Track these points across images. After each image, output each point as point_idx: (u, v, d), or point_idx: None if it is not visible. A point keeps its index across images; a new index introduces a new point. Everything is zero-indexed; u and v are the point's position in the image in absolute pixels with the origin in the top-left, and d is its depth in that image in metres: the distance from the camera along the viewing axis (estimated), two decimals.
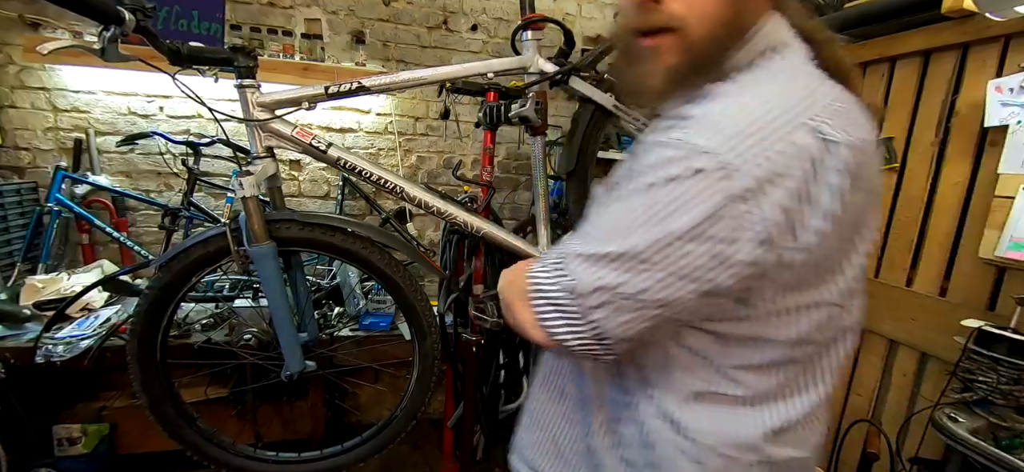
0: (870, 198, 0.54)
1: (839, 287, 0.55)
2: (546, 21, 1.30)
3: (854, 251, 0.54)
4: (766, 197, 0.47)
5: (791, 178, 0.47)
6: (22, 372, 1.65)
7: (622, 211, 0.53)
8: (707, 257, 0.49)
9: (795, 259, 0.50)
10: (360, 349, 1.94)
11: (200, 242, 1.17)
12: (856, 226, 0.53)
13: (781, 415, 0.59)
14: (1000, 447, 1.11)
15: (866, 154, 0.51)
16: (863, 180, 0.51)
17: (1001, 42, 1.43)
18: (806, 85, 0.53)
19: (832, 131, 0.48)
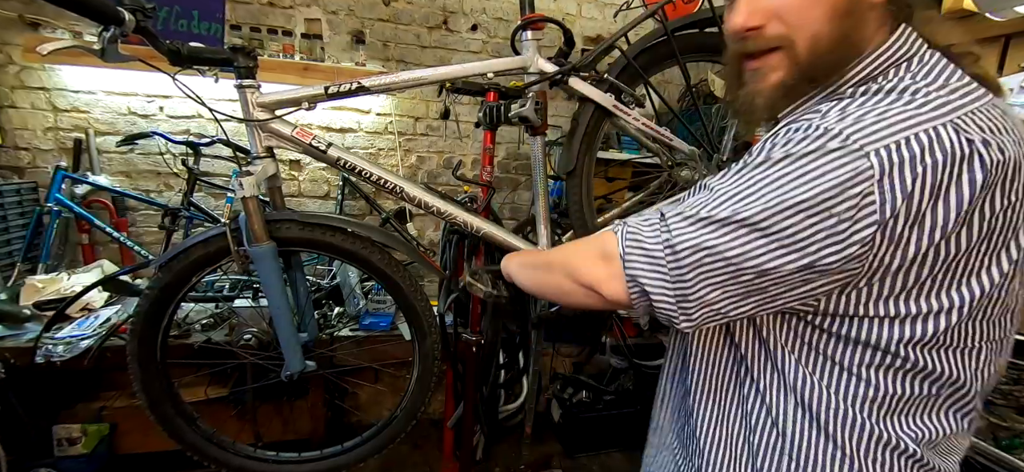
0: (1018, 209, 0.50)
1: (972, 298, 0.51)
2: (546, 21, 1.30)
3: (995, 265, 0.51)
4: (894, 182, 0.46)
5: (923, 168, 0.46)
6: (22, 372, 1.65)
7: (738, 182, 0.54)
8: (821, 231, 0.48)
9: (914, 254, 0.48)
10: (360, 349, 1.94)
11: (200, 242, 1.17)
12: (1001, 238, 0.50)
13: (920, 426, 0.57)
14: (1000, 447, 1.11)
15: (1019, 166, 0.48)
16: (1013, 191, 0.48)
17: (1001, 42, 1.43)
18: (951, 88, 0.51)
19: (977, 132, 0.47)
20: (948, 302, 0.51)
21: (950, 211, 0.47)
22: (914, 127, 0.47)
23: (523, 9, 1.34)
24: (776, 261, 0.50)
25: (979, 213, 0.48)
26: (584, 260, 0.66)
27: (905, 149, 0.46)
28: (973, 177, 0.46)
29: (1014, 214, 0.50)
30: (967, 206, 0.47)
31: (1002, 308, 0.54)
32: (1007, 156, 0.47)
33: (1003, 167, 0.47)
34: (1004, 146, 0.47)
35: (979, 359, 0.56)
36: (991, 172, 0.46)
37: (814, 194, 0.48)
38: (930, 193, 0.46)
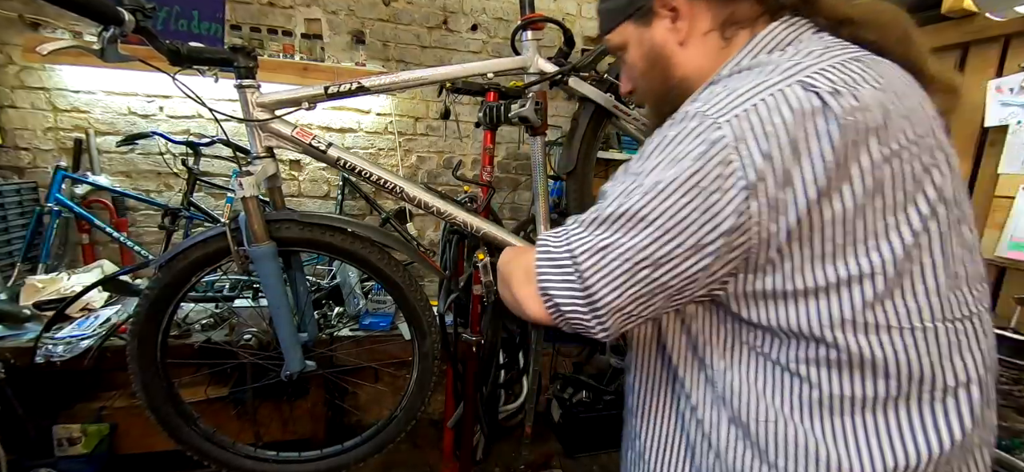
0: (910, 160, 0.48)
1: (884, 262, 0.48)
2: (546, 21, 1.30)
3: (905, 223, 0.48)
4: (749, 145, 0.47)
5: (774, 127, 0.47)
6: (22, 372, 1.65)
7: (623, 179, 0.56)
8: (696, 208, 0.49)
9: (798, 218, 0.47)
10: (360, 349, 1.94)
11: (200, 242, 1.17)
12: (900, 192, 0.48)
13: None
14: (1000, 447, 1.11)
15: (887, 112, 0.47)
16: (892, 139, 0.47)
17: (1001, 42, 1.43)
18: (810, 53, 0.52)
19: (825, 84, 0.47)
20: (858, 268, 0.48)
21: (817, 165, 0.46)
22: (760, 91, 0.49)
23: (523, 9, 1.34)
24: (664, 248, 0.51)
25: (857, 165, 0.46)
26: (517, 276, 0.65)
27: (754, 113, 0.48)
28: (829, 128, 0.46)
29: (904, 163, 0.47)
30: (833, 158, 0.46)
31: (949, 280, 0.50)
32: (863, 103, 0.47)
33: (863, 113, 0.46)
34: (858, 94, 0.47)
35: (939, 342, 0.50)
36: (847, 120, 0.46)
37: (682, 172, 0.49)
38: (790, 150, 0.46)
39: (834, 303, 0.49)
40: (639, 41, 0.67)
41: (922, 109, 0.51)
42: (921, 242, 0.49)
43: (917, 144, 0.48)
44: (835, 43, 0.54)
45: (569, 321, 0.57)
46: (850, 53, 0.51)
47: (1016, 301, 1.25)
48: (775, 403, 0.54)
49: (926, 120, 0.50)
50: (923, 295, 0.49)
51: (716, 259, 0.50)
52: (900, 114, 0.48)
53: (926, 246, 0.49)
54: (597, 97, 1.33)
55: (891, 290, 0.49)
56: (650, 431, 0.69)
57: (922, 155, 0.48)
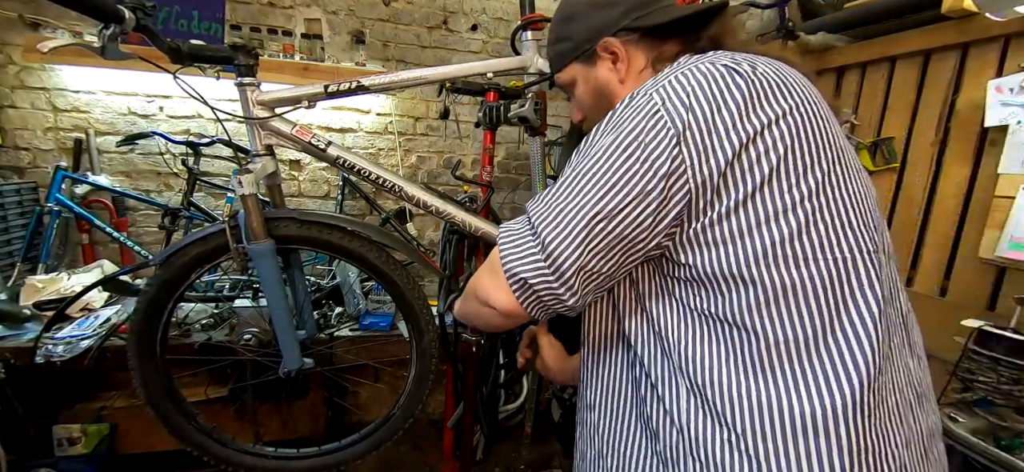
0: (810, 113, 0.57)
1: (798, 198, 0.55)
2: (546, 21, 1.31)
3: (816, 162, 0.56)
4: (675, 102, 0.57)
5: (695, 84, 0.57)
6: (22, 372, 1.65)
7: (570, 162, 0.64)
8: (638, 159, 0.57)
9: (727, 157, 0.55)
10: (360, 348, 1.94)
11: (199, 239, 1.17)
12: (802, 136, 0.56)
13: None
14: (1000, 447, 1.11)
15: (782, 76, 0.58)
16: (788, 93, 0.57)
17: (1001, 42, 1.43)
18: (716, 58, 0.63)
19: (731, 60, 0.59)
20: (782, 203, 0.55)
21: (734, 111, 0.55)
22: (678, 70, 0.60)
23: (523, 9, 1.34)
24: (615, 198, 0.57)
25: (768, 111, 0.56)
26: (482, 278, 0.67)
27: (676, 81, 0.58)
28: (738, 81, 0.56)
29: (806, 114, 0.56)
30: (745, 104, 0.55)
31: (856, 217, 0.57)
32: (762, 69, 0.58)
33: (763, 75, 0.57)
34: (756, 64, 0.58)
35: (850, 271, 0.56)
36: (751, 76, 0.56)
37: (622, 135, 0.58)
38: (707, 102, 0.56)
39: (763, 238, 0.55)
40: (585, 79, 0.78)
41: (810, 87, 0.61)
42: (830, 180, 0.56)
43: (813, 103, 0.58)
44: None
45: (538, 293, 0.60)
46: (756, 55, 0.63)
47: (1016, 301, 1.25)
48: (727, 363, 0.58)
49: (815, 92, 0.61)
50: (833, 228, 0.56)
51: (661, 204, 0.56)
52: (793, 82, 0.58)
53: (835, 184, 0.56)
54: None
55: (808, 223, 0.55)
56: (611, 422, 0.71)
57: (821, 109, 0.58)
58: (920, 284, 1.64)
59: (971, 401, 1.24)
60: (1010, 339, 1.18)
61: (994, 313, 1.40)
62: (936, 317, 1.54)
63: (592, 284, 0.61)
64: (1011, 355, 1.17)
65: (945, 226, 1.56)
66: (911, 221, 1.67)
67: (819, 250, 0.55)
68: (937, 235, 1.59)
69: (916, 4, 1.54)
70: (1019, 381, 1.16)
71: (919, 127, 1.65)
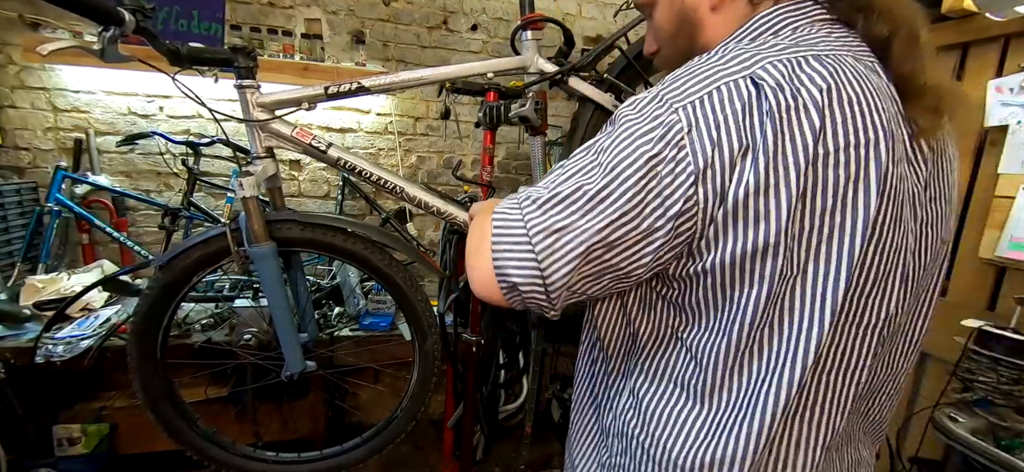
0: (835, 167, 0.47)
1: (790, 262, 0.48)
2: (546, 21, 1.30)
3: (824, 225, 0.48)
4: (702, 132, 0.48)
5: (725, 117, 0.48)
6: (22, 372, 1.65)
7: (583, 157, 0.56)
8: (650, 193, 0.49)
9: (733, 205, 0.48)
10: (360, 349, 1.94)
11: (200, 242, 1.17)
12: (826, 197, 0.47)
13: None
14: (1000, 447, 1.11)
15: (824, 116, 0.46)
16: (820, 141, 0.46)
17: (1001, 42, 1.43)
18: (774, 45, 0.52)
19: (770, 78, 0.47)
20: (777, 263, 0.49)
21: (758, 157, 0.47)
22: (715, 81, 0.49)
23: (523, 9, 1.34)
24: (618, 231, 0.51)
25: (788, 162, 0.47)
26: (472, 238, 0.62)
27: (707, 102, 0.48)
28: (765, 122, 0.46)
29: (830, 169, 0.47)
30: (767, 152, 0.46)
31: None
32: (802, 102, 0.46)
33: (799, 113, 0.46)
34: (799, 93, 0.47)
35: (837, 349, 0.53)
36: (782, 116, 0.46)
37: (640, 156, 0.50)
38: (737, 140, 0.47)
39: (745, 297, 0.51)
40: (670, 1, 0.64)
41: (874, 127, 0.48)
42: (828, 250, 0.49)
43: (847, 153, 0.47)
44: (823, 37, 0.53)
45: (523, 297, 0.56)
46: (817, 50, 0.50)
47: (1016, 301, 1.25)
48: (667, 384, 0.59)
49: (872, 137, 0.48)
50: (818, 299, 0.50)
51: (664, 244, 0.51)
52: (838, 123, 0.47)
53: (831, 257, 0.49)
54: (597, 97, 1.33)
55: (791, 286, 0.50)
56: (577, 425, 0.74)
57: (850, 167, 0.47)
58: None
59: (971, 401, 1.24)
60: (1010, 339, 1.18)
61: (994, 313, 1.41)
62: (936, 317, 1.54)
63: (572, 299, 0.57)
64: (1011, 355, 1.17)
65: None
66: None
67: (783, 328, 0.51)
68: None
69: None
70: (1019, 381, 1.16)
71: None
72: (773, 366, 0.51)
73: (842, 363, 0.53)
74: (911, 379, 1.65)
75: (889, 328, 0.54)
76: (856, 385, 0.54)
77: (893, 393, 0.65)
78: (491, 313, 1.49)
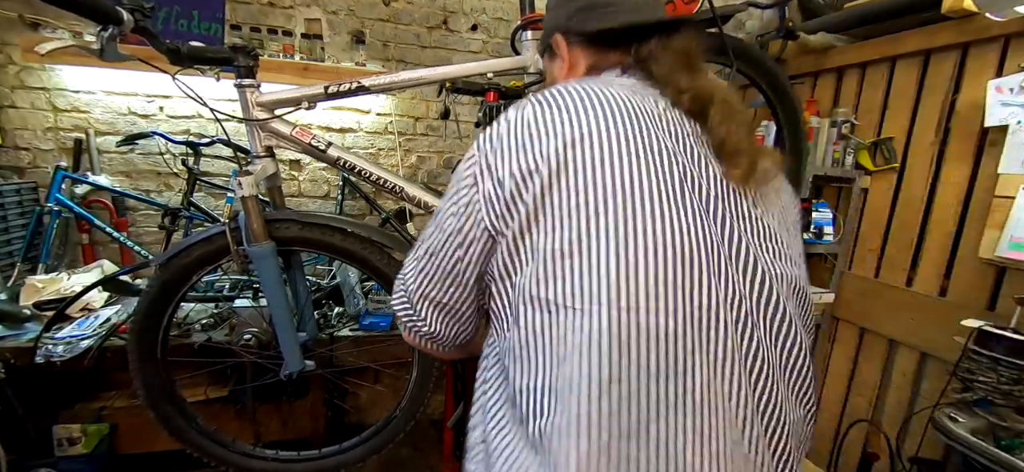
0: (596, 159, 0.55)
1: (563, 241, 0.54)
2: None
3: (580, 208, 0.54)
4: (483, 145, 0.62)
5: (501, 131, 0.61)
6: (22, 372, 1.65)
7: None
8: (453, 202, 0.63)
9: (509, 196, 0.57)
10: (360, 349, 1.94)
11: (200, 241, 1.17)
12: (573, 179, 0.55)
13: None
14: (1000, 447, 1.11)
15: (581, 118, 0.58)
16: (577, 139, 0.56)
17: (1001, 42, 1.43)
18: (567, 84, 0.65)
19: (545, 99, 0.61)
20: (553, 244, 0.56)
21: (525, 154, 0.57)
22: (512, 108, 0.63)
23: (523, 9, 1.34)
24: (438, 236, 0.65)
25: (553, 157, 0.57)
26: None
27: (496, 126, 0.62)
28: (525, 123, 0.59)
29: (590, 157, 0.56)
30: (524, 144, 0.58)
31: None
32: (560, 110, 0.59)
33: (558, 115, 0.59)
34: (561, 104, 0.60)
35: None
36: (545, 121, 0.58)
37: (453, 180, 0.64)
38: (505, 145, 0.59)
39: (528, 277, 0.56)
40: (548, 70, 0.83)
41: (631, 124, 0.58)
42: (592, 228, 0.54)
43: (601, 140, 0.56)
44: (620, 83, 0.66)
45: (405, 323, 0.70)
46: (593, 82, 0.63)
47: (1016, 301, 1.25)
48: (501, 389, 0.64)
49: (628, 131, 0.57)
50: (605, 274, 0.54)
51: (466, 239, 0.62)
52: (591, 116, 0.58)
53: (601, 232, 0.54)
54: None
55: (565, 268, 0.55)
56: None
57: (604, 149, 0.56)
58: (920, 284, 1.64)
59: (971, 401, 1.24)
60: (1010, 339, 1.18)
61: (994, 313, 1.41)
62: (936, 317, 1.54)
63: (443, 313, 0.68)
64: (1011, 355, 1.17)
65: (945, 226, 1.56)
66: (911, 221, 1.67)
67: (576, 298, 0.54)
68: (937, 235, 1.59)
69: (916, 4, 1.54)
70: (1019, 381, 1.16)
71: (919, 127, 1.65)
72: (564, 356, 0.53)
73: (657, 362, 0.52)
74: (910, 379, 1.65)
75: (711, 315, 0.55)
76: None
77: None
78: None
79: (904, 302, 1.66)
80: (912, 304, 1.63)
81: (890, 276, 1.73)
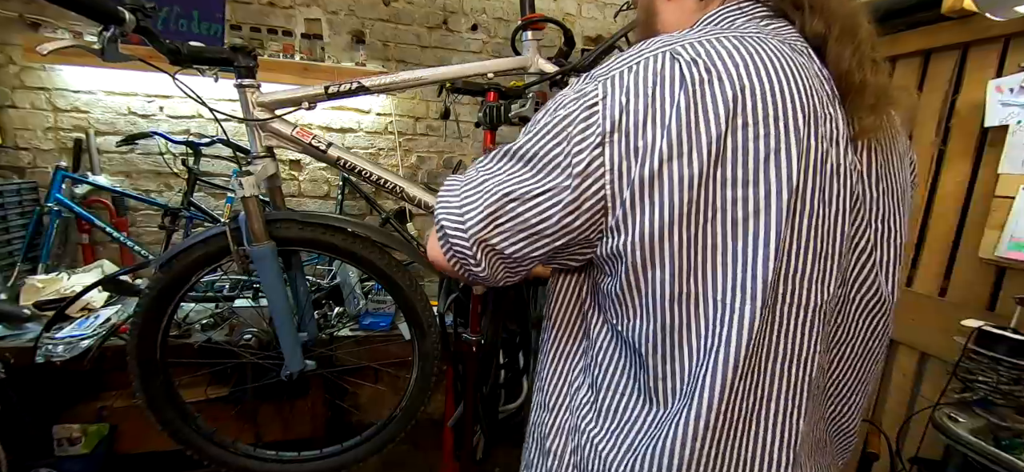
0: (755, 139, 0.46)
1: (712, 237, 0.48)
2: (546, 21, 1.30)
3: (739, 200, 0.47)
4: (614, 99, 0.49)
5: (635, 86, 0.49)
6: (22, 372, 1.65)
7: (527, 128, 0.59)
8: (560, 149, 0.51)
9: (646, 175, 0.48)
10: (360, 349, 1.94)
11: (200, 241, 1.17)
12: (746, 168, 0.47)
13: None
14: (1000, 447, 1.11)
15: (739, 88, 0.47)
16: (735, 114, 0.46)
17: (1001, 42, 1.43)
18: (701, 32, 0.53)
19: (689, 55, 0.48)
20: (689, 239, 0.49)
21: (667, 127, 0.47)
22: (637, 58, 0.51)
23: (523, 9, 1.34)
24: (529, 183, 0.53)
25: (701, 134, 0.47)
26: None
27: (626, 75, 0.50)
28: (678, 94, 0.47)
29: (748, 141, 0.47)
30: (677, 123, 0.47)
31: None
32: (716, 74, 0.47)
33: (713, 85, 0.47)
34: (714, 66, 0.47)
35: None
36: (695, 88, 0.47)
37: (556, 118, 0.53)
38: (644, 109, 0.48)
39: (663, 273, 0.50)
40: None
41: (793, 100, 0.48)
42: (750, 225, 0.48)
43: (767, 125, 0.47)
44: (758, 28, 0.55)
45: (452, 246, 0.57)
46: (742, 33, 0.52)
47: (1016, 301, 1.25)
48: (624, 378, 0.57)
49: (790, 109, 0.48)
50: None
51: (572, 204, 0.51)
52: (756, 95, 0.47)
53: (752, 229, 0.48)
54: None
55: (707, 264, 0.49)
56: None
57: (769, 139, 0.47)
58: (920, 284, 1.64)
59: (971, 401, 1.24)
60: (1010, 339, 1.18)
61: (994, 313, 1.41)
62: (936, 317, 1.54)
63: (499, 263, 0.57)
64: (1011, 355, 1.17)
65: (945, 226, 1.56)
66: (911, 221, 1.67)
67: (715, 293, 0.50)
68: (937, 235, 1.59)
69: (916, 4, 1.54)
70: (1019, 381, 1.16)
71: (919, 127, 1.65)
72: (709, 348, 0.49)
73: (790, 349, 0.50)
74: (910, 379, 1.65)
75: (830, 316, 0.52)
76: (809, 376, 0.51)
77: (861, 397, 0.63)
78: (491, 313, 1.49)
79: (904, 302, 1.65)
80: (912, 304, 1.63)
81: None
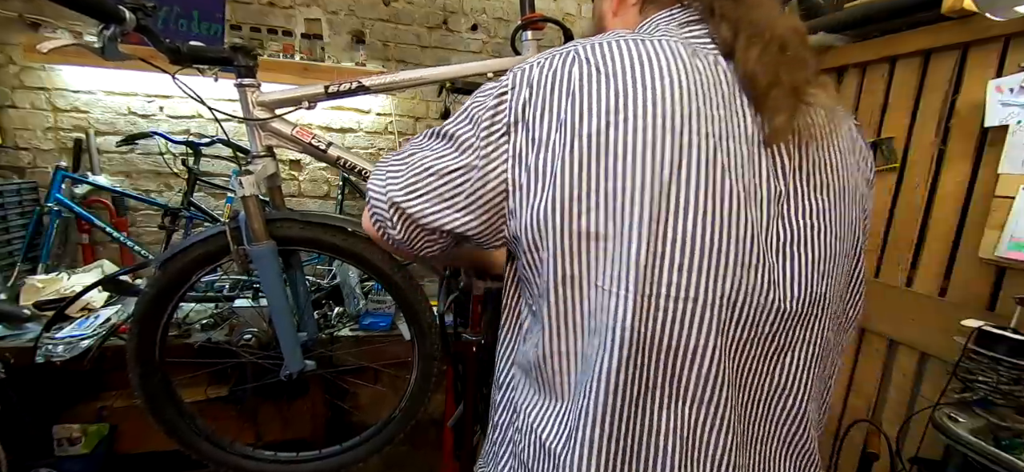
0: (635, 131, 0.49)
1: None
2: (546, 21, 1.30)
3: (636, 199, 0.49)
4: (520, 82, 0.54)
5: (542, 76, 0.54)
6: (22, 372, 1.65)
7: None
8: (471, 129, 0.57)
9: (538, 158, 0.52)
10: (360, 349, 1.94)
11: (200, 241, 1.17)
12: (623, 160, 0.49)
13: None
14: (1000, 447, 1.11)
15: (631, 92, 0.50)
16: (620, 106, 0.50)
17: (1001, 42, 1.43)
18: (635, 34, 0.57)
19: (583, 53, 0.53)
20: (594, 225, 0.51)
21: (562, 113, 0.52)
22: (546, 55, 0.56)
23: (523, 9, 1.34)
24: (447, 160, 0.58)
25: (590, 123, 0.51)
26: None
27: (533, 69, 0.55)
28: (568, 88, 0.52)
29: (627, 131, 0.50)
30: (572, 110, 0.51)
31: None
32: (607, 70, 0.51)
33: (601, 78, 0.51)
34: (604, 62, 0.52)
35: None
36: (582, 85, 0.51)
37: (477, 105, 0.57)
38: (543, 102, 0.53)
39: (549, 256, 0.53)
40: (595, 6, 0.76)
41: (671, 99, 0.50)
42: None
43: (644, 122, 0.50)
44: (673, 31, 0.58)
45: (375, 213, 0.64)
46: (647, 37, 0.54)
47: (1016, 301, 1.25)
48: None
49: (669, 108, 0.50)
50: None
51: (479, 184, 0.56)
52: (638, 93, 0.50)
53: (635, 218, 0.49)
54: None
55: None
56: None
57: (646, 133, 0.49)
58: (920, 284, 1.64)
59: (971, 401, 1.24)
60: (1010, 339, 1.18)
61: (994, 313, 1.40)
62: (936, 317, 1.54)
63: (415, 230, 0.62)
64: (1011, 355, 1.17)
65: (945, 226, 1.56)
66: (911, 221, 1.66)
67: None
68: (937, 235, 1.59)
69: (916, 4, 1.54)
70: (1019, 381, 1.16)
71: (919, 127, 1.65)
72: (599, 338, 0.51)
73: (675, 342, 0.50)
74: (910, 379, 1.65)
75: (730, 311, 0.51)
76: (701, 370, 0.51)
77: (809, 406, 0.59)
78: (491, 313, 1.49)
79: (904, 302, 1.65)
80: (912, 304, 1.62)
81: (890, 276, 1.73)
